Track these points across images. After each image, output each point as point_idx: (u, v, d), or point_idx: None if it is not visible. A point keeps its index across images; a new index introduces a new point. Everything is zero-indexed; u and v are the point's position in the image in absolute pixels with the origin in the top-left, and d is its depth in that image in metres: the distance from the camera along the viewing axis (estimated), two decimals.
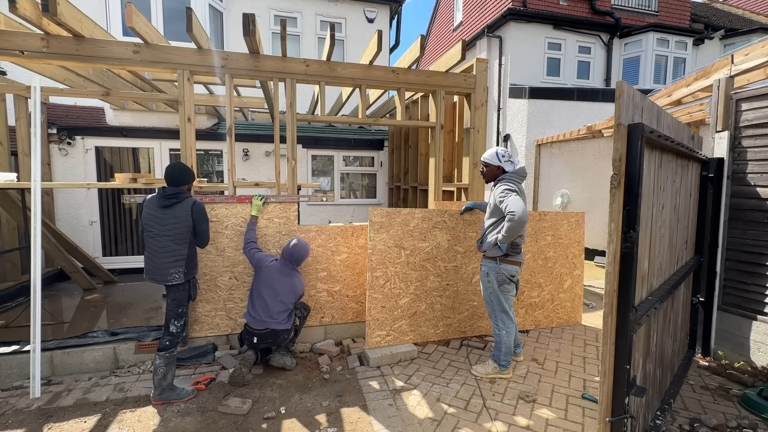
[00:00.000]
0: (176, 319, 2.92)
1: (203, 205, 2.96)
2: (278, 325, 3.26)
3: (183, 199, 2.88)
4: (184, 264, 2.87)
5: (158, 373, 2.82)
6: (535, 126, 8.43)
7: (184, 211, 2.84)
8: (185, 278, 2.89)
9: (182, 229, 2.85)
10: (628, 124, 1.86)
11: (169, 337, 2.89)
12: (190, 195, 2.97)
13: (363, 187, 8.46)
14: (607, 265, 1.94)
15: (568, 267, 4.31)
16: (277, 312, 3.26)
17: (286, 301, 3.31)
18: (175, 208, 2.84)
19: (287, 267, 3.36)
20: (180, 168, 2.95)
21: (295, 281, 3.37)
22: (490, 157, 3.17)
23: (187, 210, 2.85)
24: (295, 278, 3.38)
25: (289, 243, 3.41)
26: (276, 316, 3.26)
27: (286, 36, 3.71)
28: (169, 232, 2.83)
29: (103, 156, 6.57)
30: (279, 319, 3.27)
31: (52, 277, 5.70)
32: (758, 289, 3.35)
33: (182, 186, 2.95)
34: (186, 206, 2.86)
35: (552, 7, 9.96)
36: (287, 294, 3.31)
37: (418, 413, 2.75)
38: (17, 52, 3.33)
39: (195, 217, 2.87)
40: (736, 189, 3.53)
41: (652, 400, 2.48)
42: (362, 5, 8.91)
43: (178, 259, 2.85)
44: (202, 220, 2.92)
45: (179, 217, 2.83)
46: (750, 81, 3.77)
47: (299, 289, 3.40)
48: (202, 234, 2.95)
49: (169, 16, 7.14)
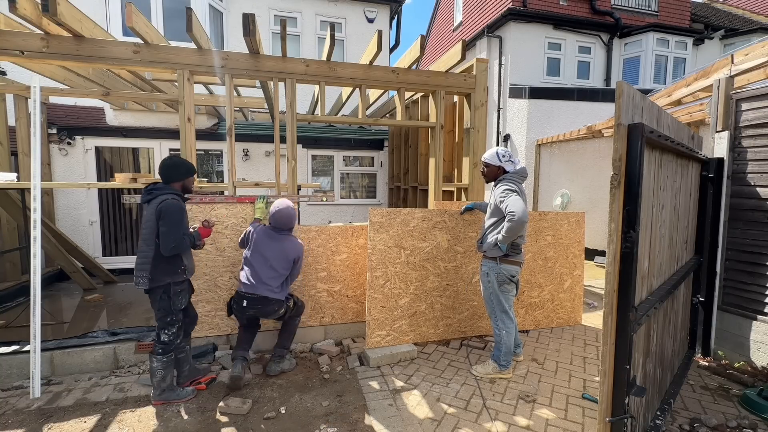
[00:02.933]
0: (166, 328, 2.77)
1: (175, 204, 2.65)
2: (270, 292, 3.08)
3: (157, 196, 2.66)
4: (149, 268, 2.63)
5: (156, 375, 2.77)
6: (535, 126, 8.43)
7: (153, 209, 2.62)
8: (150, 284, 2.65)
9: (149, 229, 2.63)
10: (628, 124, 1.86)
11: (162, 345, 2.78)
12: (169, 192, 2.72)
13: (363, 187, 8.46)
14: (607, 265, 1.94)
15: (568, 267, 4.31)
16: (269, 278, 3.10)
17: (277, 267, 3.13)
18: (150, 204, 2.66)
19: (275, 231, 3.21)
20: (168, 163, 2.75)
21: (285, 246, 3.17)
22: (491, 157, 3.17)
23: (155, 206, 2.62)
24: (286, 242, 3.19)
25: (272, 209, 3.25)
26: (268, 281, 3.09)
27: (286, 36, 3.72)
28: (143, 231, 2.66)
29: (103, 156, 6.57)
30: (272, 286, 3.10)
31: (52, 277, 5.70)
32: (758, 289, 3.35)
33: (172, 182, 2.74)
34: (156, 203, 2.63)
35: (552, 7, 9.96)
36: (277, 260, 3.12)
37: (418, 413, 2.75)
38: (17, 52, 3.33)
39: (158, 215, 2.59)
40: (736, 189, 3.53)
41: (652, 400, 2.48)
42: (362, 5, 8.91)
43: (144, 262, 2.65)
44: (166, 220, 2.59)
45: (149, 216, 2.63)
46: (750, 81, 3.77)
47: (290, 253, 3.16)
48: (162, 236, 2.59)
49: (169, 16, 7.14)
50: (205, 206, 3.54)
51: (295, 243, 3.25)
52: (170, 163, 2.76)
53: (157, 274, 2.66)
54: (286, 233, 3.26)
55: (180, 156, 2.86)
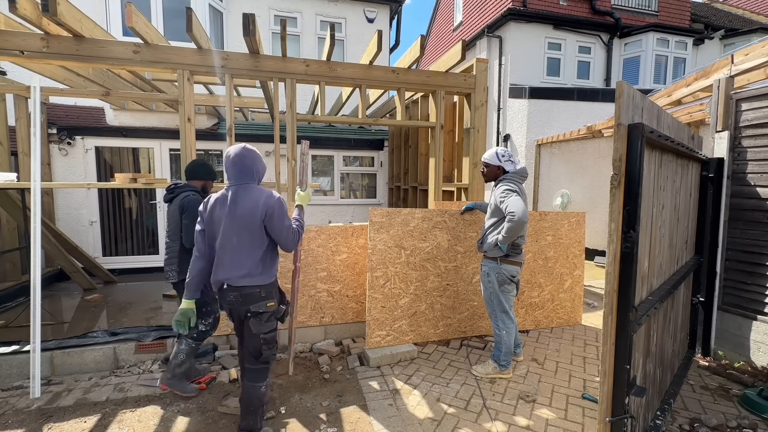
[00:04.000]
0: (202, 318, 2.88)
1: (197, 198, 2.74)
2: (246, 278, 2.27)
3: (178, 194, 2.79)
4: (176, 262, 2.78)
5: (177, 358, 2.82)
6: (535, 126, 8.43)
7: (176, 205, 2.76)
8: (179, 277, 2.78)
9: (173, 225, 2.76)
10: (628, 124, 1.86)
11: (197, 332, 2.90)
12: (190, 189, 2.86)
13: (363, 187, 8.46)
14: (607, 265, 1.94)
15: (568, 267, 4.31)
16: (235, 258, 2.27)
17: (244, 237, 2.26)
18: (172, 202, 2.79)
19: (228, 191, 2.31)
20: (195, 161, 2.99)
21: (245, 202, 2.25)
22: (491, 157, 3.17)
23: (178, 203, 2.76)
24: (247, 197, 2.26)
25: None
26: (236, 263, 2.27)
27: (286, 36, 3.72)
28: (168, 228, 2.81)
29: (103, 156, 6.57)
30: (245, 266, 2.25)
31: (52, 277, 5.70)
32: (758, 289, 3.35)
33: (194, 179, 2.92)
34: (178, 199, 2.77)
35: (552, 7, 9.96)
36: (240, 226, 2.25)
37: (418, 413, 2.75)
38: (17, 52, 3.33)
39: (181, 210, 2.73)
40: (736, 189, 3.53)
41: (652, 400, 2.48)
42: (362, 5, 8.91)
43: (171, 256, 2.80)
44: (188, 213, 2.71)
45: (172, 212, 2.78)
46: (750, 81, 3.77)
47: (256, 208, 2.23)
48: (185, 229, 2.71)
49: (169, 16, 7.14)
50: None
51: (260, 193, 2.27)
52: (198, 161, 2.99)
53: (184, 267, 2.61)
54: (245, 185, 2.29)
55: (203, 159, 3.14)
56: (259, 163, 2.38)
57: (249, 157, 2.33)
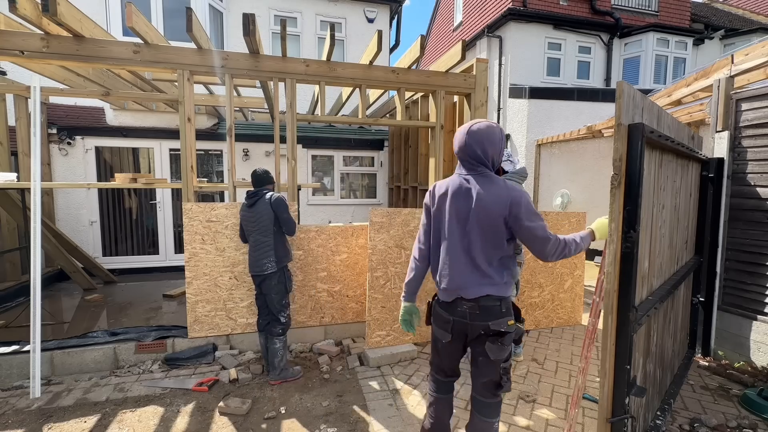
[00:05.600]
0: (283, 310, 3.17)
1: (282, 197, 3.19)
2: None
3: (262, 195, 3.17)
4: (273, 253, 3.11)
5: (278, 356, 3.12)
6: (535, 126, 8.43)
7: (265, 204, 3.13)
8: (277, 266, 3.12)
9: (266, 221, 3.11)
10: (628, 124, 1.86)
11: (281, 326, 3.16)
12: (269, 190, 3.26)
13: (363, 187, 8.46)
14: (607, 265, 1.94)
15: (568, 267, 4.31)
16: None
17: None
18: (258, 204, 3.15)
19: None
20: (258, 174, 3.28)
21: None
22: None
23: (267, 203, 3.13)
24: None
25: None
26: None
27: (286, 36, 3.71)
28: (256, 226, 3.13)
29: (103, 156, 6.57)
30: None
31: (52, 277, 5.70)
32: (758, 289, 3.35)
33: (265, 186, 3.25)
34: (265, 200, 3.14)
35: (552, 7, 9.95)
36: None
37: (418, 413, 2.75)
38: (17, 52, 3.33)
39: (274, 207, 3.11)
40: (736, 189, 3.53)
41: (652, 400, 2.48)
42: (362, 5, 8.91)
43: (267, 249, 3.12)
44: (282, 209, 3.13)
45: (262, 211, 3.12)
46: (750, 81, 3.76)
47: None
48: (285, 222, 3.15)
49: (169, 15, 7.14)
50: (205, 205, 3.54)
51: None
52: (258, 175, 3.27)
53: (280, 257, 3.15)
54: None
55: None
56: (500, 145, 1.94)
57: (496, 135, 1.91)
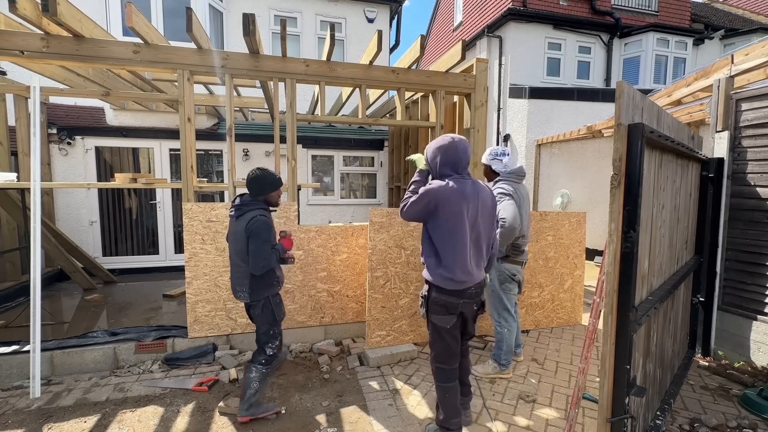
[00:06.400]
0: (270, 342, 2.67)
1: (264, 221, 2.54)
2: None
3: (246, 212, 2.57)
4: (248, 283, 2.58)
5: (251, 387, 2.61)
6: (535, 126, 8.43)
7: (243, 226, 2.53)
8: (250, 298, 2.60)
9: (241, 245, 2.54)
10: (628, 124, 1.86)
11: (265, 357, 2.67)
12: (257, 207, 2.60)
13: (363, 187, 8.45)
14: (607, 265, 1.94)
15: (568, 267, 4.31)
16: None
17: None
18: (239, 221, 2.57)
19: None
20: (253, 176, 2.63)
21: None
22: (483, 156, 3.24)
23: (244, 224, 2.53)
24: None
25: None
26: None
27: (286, 36, 3.71)
28: (234, 245, 2.60)
29: (103, 156, 6.57)
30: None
31: (52, 277, 5.70)
32: (758, 289, 3.35)
33: (257, 196, 2.63)
34: (245, 221, 2.53)
35: (552, 7, 9.95)
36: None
37: (418, 413, 2.75)
38: (17, 52, 3.33)
39: (248, 233, 2.51)
40: (736, 189, 3.53)
41: (652, 400, 2.48)
42: (362, 5, 8.91)
43: (241, 276, 2.60)
44: (255, 237, 2.49)
45: (239, 232, 2.55)
46: (750, 81, 3.76)
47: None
48: (252, 255, 2.50)
49: (169, 15, 7.14)
50: (205, 205, 3.54)
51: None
52: (254, 176, 2.61)
53: (256, 289, 2.59)
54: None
55: (267, 169, 2.66)
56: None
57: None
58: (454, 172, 2.26)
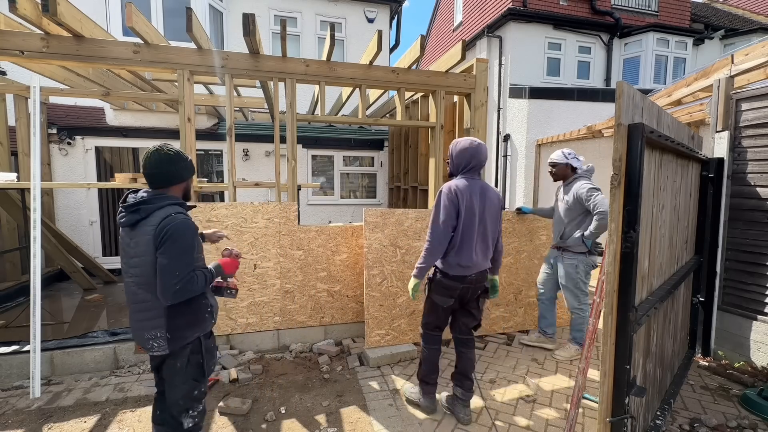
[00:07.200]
0: (191, 408, 1.85)
1: (187, 223, 1.71)
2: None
3: (151, 212, 1.69)
4: (163, 323, 1.72)
5: None
6: (535, 126, 8.43)
7: (149, 234, 1.66)
8: (171, 346, 1.75)
9: (146, 267, 1.68)
10: (628, 124, 1.86)
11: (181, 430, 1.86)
12: (172, 202, 1.76)
13: (363, 187, 8.46)
14: (607, 265, 1.94)
15: None
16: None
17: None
18: (139, 227, 1.69)
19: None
20: (159, 158, 1.74)
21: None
22: (558, 156, 3.45)
23: (152, 230, 1.66)
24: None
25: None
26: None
27: (286, 36, 3.71)
28: (132, 270, 1.73)
29: (103, 156, 6.57)
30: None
31: (52, 277, 5.69)
32: (758, 289, 3.35)
33: (172, 185, 1.81)
34: (153, 224, 1.66)
35: (552, 7, 9.95)
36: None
37: (418, 413, 2.75)
38: (17, 52, 3.33)
39: (160, 241, 1.64)
40: (736, 189, 3.53)
41: (652, 400, 2.48)
42: (362, 5, 8.91)
43: (152, 317, 1.73)
44: (170, 244, 1.64)
45: (142, 246, 1.68)
46: (750, 81, 3.76)
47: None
48: (162, 272, 1.63)
49: (169, 15, 7.15)
50: (205, 205, 3.54)
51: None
52: (168, 157, 1.76)
53: (177, 329, 1.74)
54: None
55: (173, 146, 1.83)
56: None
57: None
58: (473, 172, 2.53)
